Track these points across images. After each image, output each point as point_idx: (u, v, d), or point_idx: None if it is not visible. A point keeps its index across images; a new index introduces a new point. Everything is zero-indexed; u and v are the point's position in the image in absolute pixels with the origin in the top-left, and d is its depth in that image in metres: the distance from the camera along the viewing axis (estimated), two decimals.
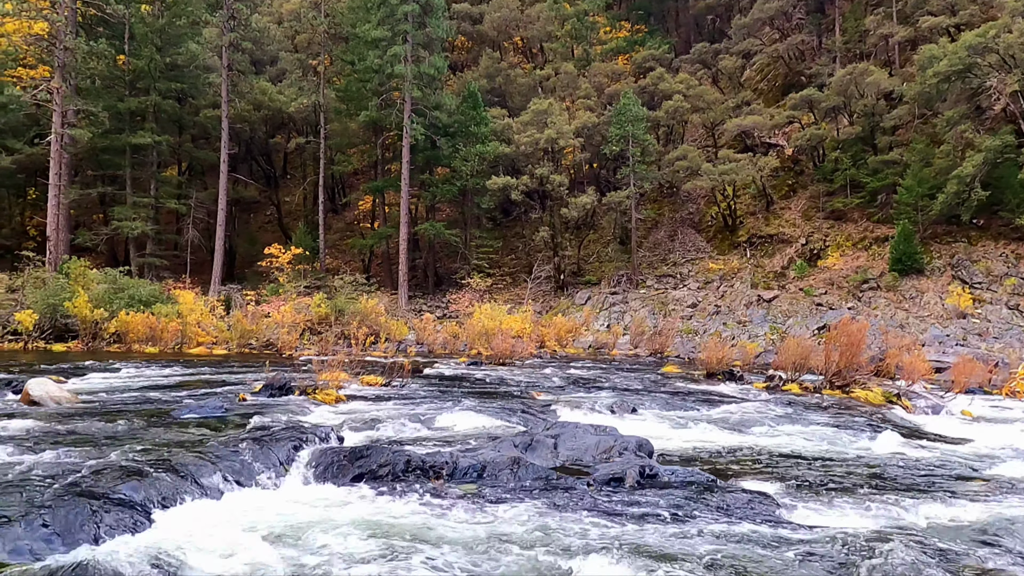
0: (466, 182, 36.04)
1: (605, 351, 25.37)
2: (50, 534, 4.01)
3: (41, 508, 4.23)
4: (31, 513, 4.15)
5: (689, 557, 4.01)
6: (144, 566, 3.63)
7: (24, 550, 3.82)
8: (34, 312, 19.62)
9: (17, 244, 33.14)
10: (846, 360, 13.13)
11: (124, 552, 3.84)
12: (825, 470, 6.76)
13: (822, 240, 33.34)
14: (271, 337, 21.92)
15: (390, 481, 5.60)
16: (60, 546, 3.91)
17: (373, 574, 3.56)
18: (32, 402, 8.85)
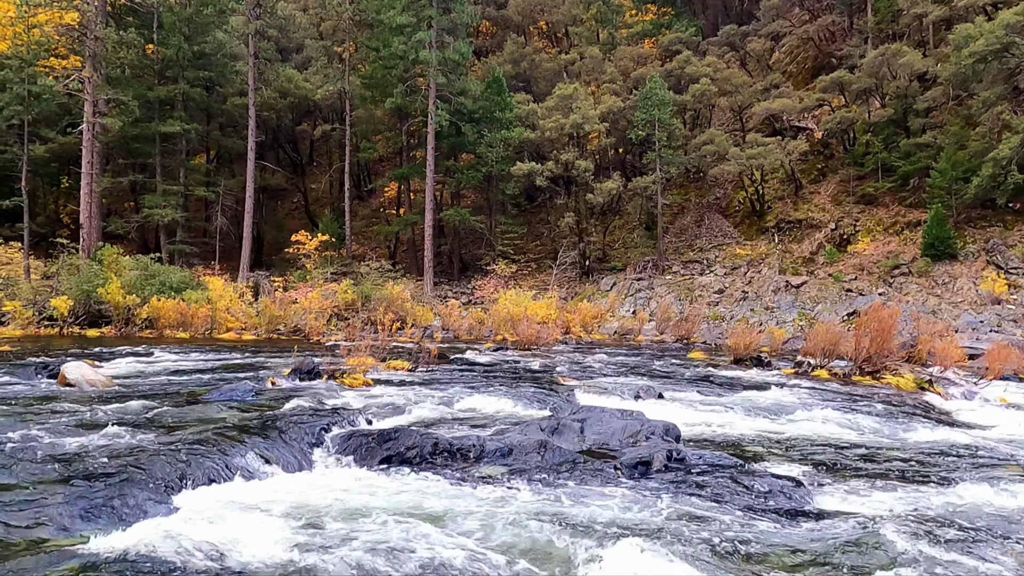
0: (491, 168, 35.99)
1: (630, 337, 25.28)
2: (86, 512, 4.12)
3: (78, 487, 4.34)
4: (69, 492, 4.26)
5: (717, 539, 4.00)
6: (177, 544, 3.70)
7: (62, 527, 3.92)
8: (69, 298, 20.01)
9: (51, 232, 33.84)
10: (877, 346, 12.95)
11: (159, 530, 3.92)
12: (854, 456, 6.68)
13: (852, 225, 32.81)
14: (299, 323, 22.16)
15: (418, 463, 5.65)
16: (97, 523, 4.01)
17: (402, 553, 3.60)
18: (68, 385, 9.05)
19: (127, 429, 6.19)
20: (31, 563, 3.39)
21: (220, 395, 8.41)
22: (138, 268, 22.76)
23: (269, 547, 3.80)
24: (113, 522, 4.05)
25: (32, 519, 3.92)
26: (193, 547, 3.71)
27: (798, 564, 3.76)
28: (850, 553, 3.88)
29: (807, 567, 3.72)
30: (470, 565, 3.58)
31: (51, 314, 19.95)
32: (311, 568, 3.46)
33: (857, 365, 13.16)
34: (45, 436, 5.81)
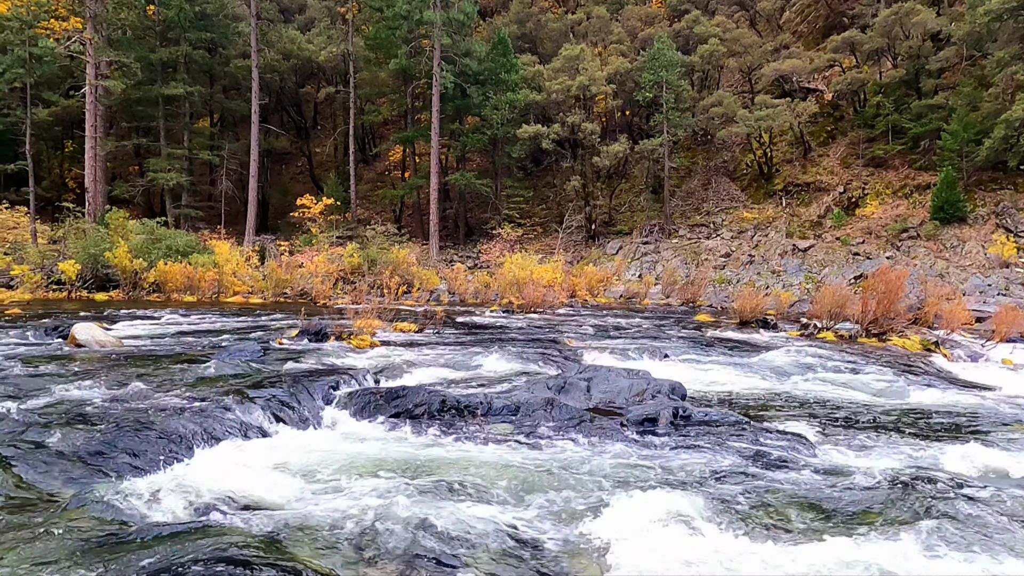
0: (496, 131, 35.66)
1: (636, 301, 25.28)
2: (99, 465, 4.17)
3: (91, 442, 4.39)
4: (82, 446, 4.32)
5: (722, 491, 4.04)
6: (191, 496, 3.76)
7: (75, 480, 3.98)
8: (76, 262, 20.08)
9: (57, 196, 33.79)
10: (883, 308, 12.93)
11: (170, 483, 3.98)
12: (860, 414, 6.72)
13: (861, 188, 32.52)
14: (305, 286, 22.22)
15: (426, 420, 5.70)
16: (110, 477, 4.07)
17: (410, 504, 3.65)
18: (78, 345, 9.13)
19: (138, 387, 6.25)
20: (50, 513, 3.45)
21: (229, 355, 8.46)
22: (144, 232, 22.78)
23: (279, 496, 3.86)
24: (130, 474, 4.11)
25: (49, 472, 3.98)
26: (207, 495, 3.77)
27: (802, 514, 3.80)
28: (854, 505, 3.91)
29: (811, 518, 3.76)
30: (476, 515, 3.62)
31: (59, 278, 20.04)
32: (320, 513, 3.51)
33: (863, 327, 13.16)
34: (58, 393, 5.87)
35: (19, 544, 3.06)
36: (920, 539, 3.47)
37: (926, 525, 3.63)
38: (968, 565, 3.21)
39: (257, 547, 3.05)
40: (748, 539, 3.43)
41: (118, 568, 2.83)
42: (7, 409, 5.20)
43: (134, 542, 3.11)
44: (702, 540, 3.33)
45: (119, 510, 3.52)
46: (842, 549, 3.36)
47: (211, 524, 3.38)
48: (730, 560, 3.16)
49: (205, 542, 3.06)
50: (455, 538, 3.32)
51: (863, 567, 3.16)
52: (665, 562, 3.10)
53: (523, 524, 3.63)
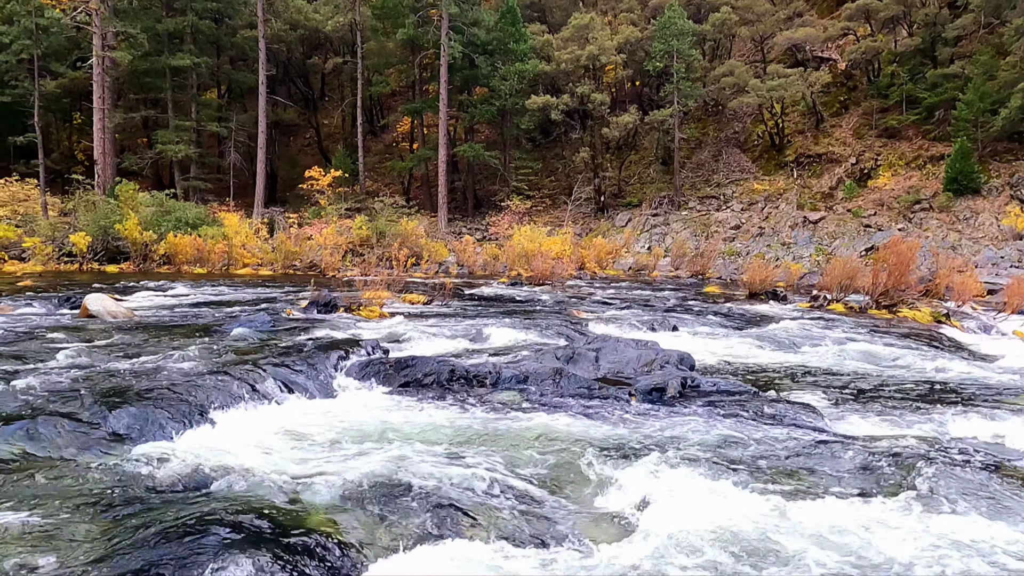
0: (505, 102, 35.35)
1: (645, 273, 25.23)
2: (115, 432, 4.23)
3: (106, 409, 4.44)
4: (98, 413, 4.37)
5: (731, 457, 4.06)
6: (203, 461, 3.81)
7: (92, 446, 4.03)
8: (87, 235, 20.17)
9: (67, 168, 33.85)
10: (894, 280, 12.86)
11: (183, 448, 4.03)
12: (869, 385, 6.71)
13: (873, 159, 32.15)
14: (314, 258, 22.27)
15: (435, 389, 5.74)
16: (125, 443, 4.12)
17: (420, 469, 3.68)
18: (90, 315, 9.21)
19: (150, 357, 6.31)
20: (65, 477, 3.51)
21: (240, 325, 8.51)
22: (154, 204, 22.82)
23: (290, 461, 3.91)
24: (142, 441, 4.17)
25: (64, 438, 4.03)
26: (220, 460, 3.82)
27: (811, 482, 3.82)
28: (863, 474, 3.93)
29: (820, 485, 3.78)
30: (484, 480, 3.66)
31: (70, 250, 20.16)
32: (330, 477, 3.56)
33: (874, 299, 13.10)
34: (70, 363, 5.94)
35: (36, 506, 3.12)
36: (924, 504, 3.48)
37: (929, 490, 3.65)
38: (972, 527, 3.23)
39: (269, 509, 3.09)
40: (755, 503, 3.45)
41: (132, 529, 2.88)
42: (21, 378, 5.27)
43: (148, 504, 3.16)
44: (710, 504, 3.35)
45: (133, 474, 3.57)
46: (846, 512, 3.39)
47: (223, 488, 3.43)
48: (737, 522, 3.18)
49: (218, 505, 3.11)
50: (466, 501, 3.35)
51: (866, 529, 3.18)
52: (675, 524, 3.12)
53: (533, 488, 3.66)
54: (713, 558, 2.89)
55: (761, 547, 3.00)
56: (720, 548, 2.98)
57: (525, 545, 3.06)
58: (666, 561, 2.88)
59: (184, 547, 2.69)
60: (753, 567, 2.82)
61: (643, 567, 2.83)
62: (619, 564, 2.87)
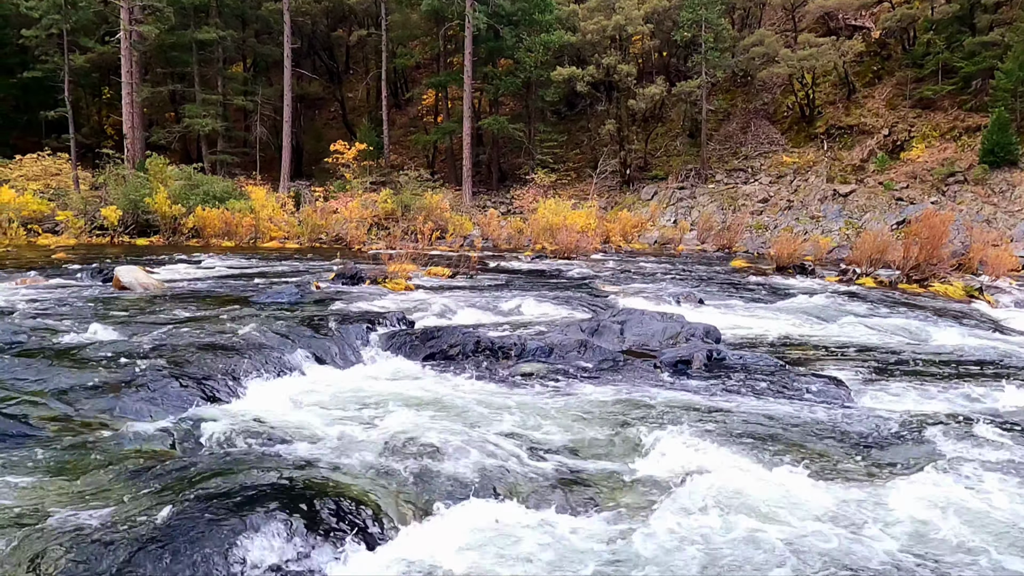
0: (530, 74, 35.01)
1: (671, 247, 25.05)
2: (150, 401, 4.33)
3: (141, 378, 4.55)
4: (133, 383, 4.47)
5: (756, 429, 4.06)
6: (235, 428, 3.89)
7: (128, 413, 4.14)
8: (118, 208, 20.46)
9: (97, 142, 34.26)
10: (926, 253, 12.64)
11: (216, 417, 4.12)
12: (898, 360, 6.64)
13: (907, 131, 31.42)
14: (340, 232, 22.41)
15: (460, 360, 5.79)
16: (160, 412, 4.22)
17: (447, 436, 3.73)
18: (123, 287, 9.38)
19: (182, 327, 6.42)
20: (104, 443, 3.61)
21: (268, 297, 8.63)
22: (182, 178, 23.05)
23: (318, 428, 3.99)
24: (179, 408, 4.27)
25: (101, 406, 4.14)
26: (251, 427, 3.91)
27: (840, 455, 3.81)
28: (893, 447, 3.91)
29: (849, 458, 3.77)
30: (509, 447, 3.70)
31: (102, 223, 20.47)
32: (357, 443, 3.62)
33: (904, 273, 12.90)
34: (105, 333, 6.07)
35: (76, 471, 3.21)
36: (953, 478, 3.46)
37: (959, 465, 3.62)
38: (1005, 502, 3.20)
39: (299, 474, 3.16)
40: (779, 475, 3.45)
41: (167, 492, 2.96)
42: (58, 348, 5.40)
43: (182, 468, 3.24)
44: (733, 474, 3.36)
45: (168, 439, 3.66)
46: (872, 486, 3.37)
47: (255, 453, 3.51)
48: (761, 493, 3.19)
49: (250, 469, 3.18)
50: (491, 468, 3.40)
51: (892, 503, 3.17)
52: (697, 494, 3.14)
53: (555, 456, 3.70)
54: (733, 526, 2.90)
55: (782, 517, 3.01)
56: (741, 516, 2.99)
57: (550, 511, 3.10)
58: (688, 528, 2.90)
59: (218, 509, 2.77)
60: (775, 536, 2.83)
61: (664, 534, 2.85)
62: (641, 530, 2.89)
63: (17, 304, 7.78)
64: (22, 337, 5.69)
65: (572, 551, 2.76)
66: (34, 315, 6.98)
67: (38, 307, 7.59)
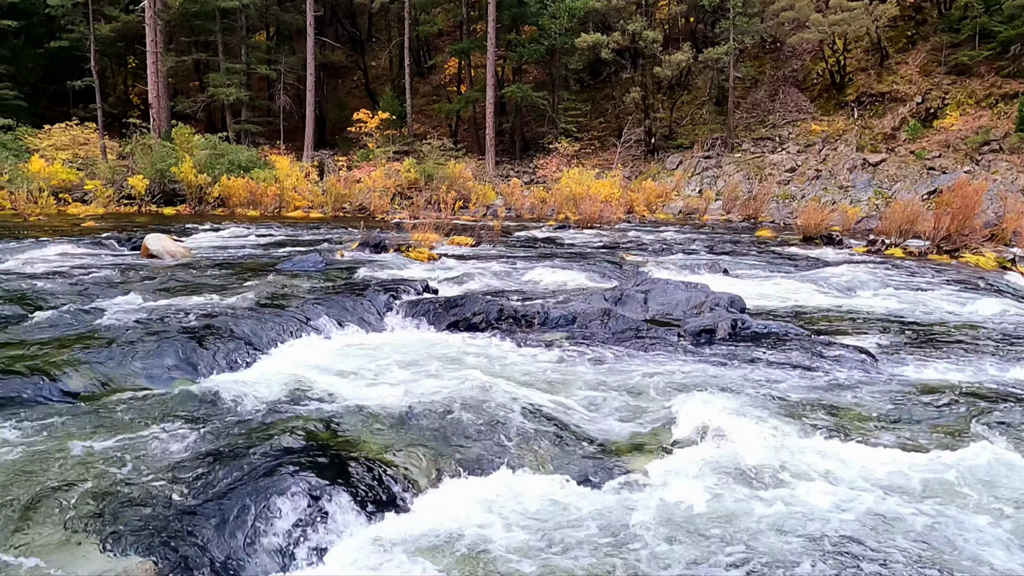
0: (554, 41, 34.51)
1: (696, 216, 24.80)
2: (180, 363, 4.41)
3: (172, 342, 4.63)
4: (163, 346, 4.55)
5: (780, 397, 4.04)
6: (261, 392, 3.95)
7: (159, 377, 4.23)
8: (144, 177, 20.66)
9: (123, 112, 34.55)
10: (958, 223, 12.38)
11: (246, 379, 4.19)
12: (927, 331, 6.54)
13: (940, 98, 30.59)
14: (363, 201, 22.46)
15: (483, 328, 5.80)
16: (189, 374, 4.30)
17: (469, 404, 3.76)
18: (151, 255, 9.51)
19: (209, 294, 6.51)
20: (138, 406, 3.69)
21: (293, 265, 8.71)
22: (208, 147, 23.18)
23: (344, 391, 4.04)
24: (206, 371, 4.34)
25: (135, 371, 4.23)
26: (280, 389, 3.97)
27: (869, 424, 3.78)
28: (923, 416, 3.87)
29: (877, 427, 3.74)
30: (532, 412, 3.72)
31: (129, 192, 20.71)
32: (381, 407, 3.67)
33: (935, 243, 12.66)
34: (135, 300, 6.17)
35: (111, 433, 3.29)
36: (981, 449, 3.42)
37: (985, 435, 3.57)
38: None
39: (324, 436, 3.21)
40: (804, 442, 3.44)
41: (199, 451, 3.03)
42: (91, 314, 5.50)
43: (212, 430, 3.31)
44: (758, 441, 3.35)
45: (198, 402, 3.73)
46: (899, 455, 3.35)
47: (281, 415, 3.56)
48: (785, 459, 3.18)
49: (276, 431, 3.24)
50: (513, 433, 3.42)
51: (919, 472, 3.15)
52: (721, 460, 3.14)
53: (579, 421, 3.72)
54: (757, 492, 2.90)
55: (804, 484, 3.00)
56: (763, 481, 2.99)
57: (571, 475, 3.13)
58: (709, 493, 2.90)
59: (246, 469, 2.82)
60: (795, 502, 2.82)
61: (686, 498, 2.86)
62: (663, 495, 2.90)
63: (50, 271, 7.93)
64: (54, 303, 5.80)
65: (591, 516, 2.78)
66: (65, 282, 7.11)
67: (69, 274, 7.73)
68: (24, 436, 3.17)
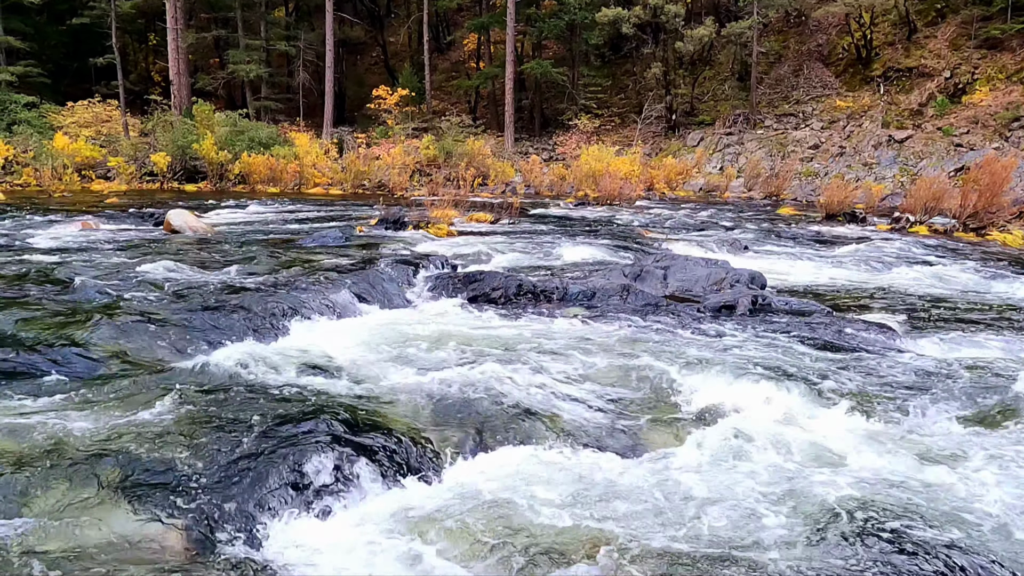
0: (574, 16, 34.10)
1: (717, 194, 24.57)
2: (204, 336, 4.47)
3: (195, 315, 4.69)
4: (185, 320, 4.61)
5: (802, 373, 4.02)
6: (282, 364, 4.00)
7: (183, 350, 4.28)
8: (166, 154, 20.81)
9: (144, 89, 34.73)
10: (985, 201, 12.17)
11: (268, 352, 4.23)
12: (951, 308, 6.46)
13: (970, 73, 29.89)
14: (382, 178, 22.48)
15: (502, 303, 5.82)
16: (212, 347, 4.36)
17: (490, 378, 3.78)
18: (173, 231, 9.61)
19: (232, 269, 6.57)
20: (160, 379, 3.74)
21: (313, 241, 8.76)
22: (228, 124, 23.27)
23: (366, 365, 4.08)
24: (231, 344, 4.39)
25: (157, 344, 4.29)
26: (302, 364, 4.01)
27: (885, 400, 3.75)
28: (941, 393, 3.83)
29: (894, 403, 3.71)
30: (551, 388, 3.74)
31: (151, 169, 20.88)
32: (402, 380, 3.70)
33: (961, 221, 12.46)
34: (158, 274, 6.24)
35: (136, 403, 3.35)
36: (1009, 428, 3.39)
37: (1012, 412, 3.54)
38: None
39: (347, 409, 3.25)
40: (827, 418, 3.43)
41: (223, 424, 3.07)
42: (117, 288, 5.58)
43: (235, 403, 3.35)
44: (780, 417, 3.34)
45: (221, 376, 3.78)
46: (926, 433, 3.33)
47: (304, 389, 3.60)
48: (808, 435, 3.18)
49: (300, 404, 3.28)
50: (534, 407, 3.44)
51: (947, 453, 3.13)
52: (743, 437, 3.14)
53: (597, 398, 3.73)
54: (774, 465, 2.90)
55: (819, 456, 3.00)
56: (780, 457, 2.98)
57: (592, 449, 3.14)
58: (726, 468, 2.91)
59: (270, 439, 2.87)
60: (813, 479, 2.82)
61: (703, 472, 2.87)
62: (681, 470, 2.91)
63: (75, 246, 8.05)
64: (79, 277, 5.89)
65: (612, 488, 2.79)
66: (90, 257, 7.21)
67: (94, 249, 7.83)
68: (52, 406, 3.23)
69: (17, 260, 6.88)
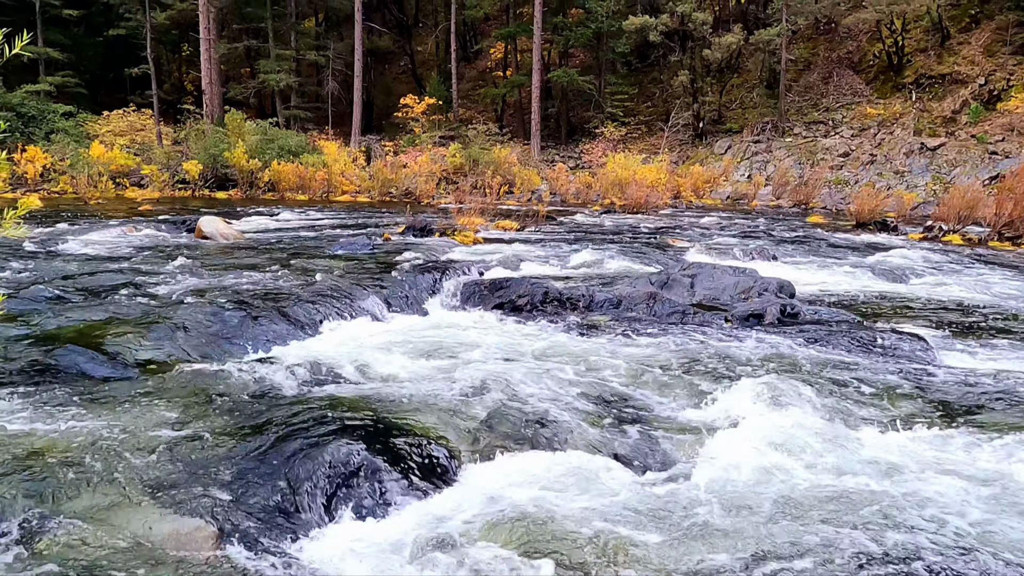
0: (601, 24, 34.13)
1: (744, 202, 24.37)
2: (234, 340, 4.54)
3: (226, 319, 4.76)
4: (216, 324, 4.69)
5: (832, 384, 3.97)
6: (311, 368, 4.04)
7: (215, 353, 4.35)
8: (198, 162, 21.18)
9: (177, 98, 35.40)
10: (1021, 209, 11.93)
11: (297, 358, 4.28)
12: (985, 319, 6.34)
13: (1005, 79, 29.35)
14: (409, 186, 22.65)
15: (528, 310, 5.83)
16: (244, 350, 4.43)
17: (514, 384, 3.78)
18: (204, 237, 9.77)
19: (260, 274, 6.67)
20: (196, 378, 3.81)
21: (341, 248, 8.85)
22: (258, 133, 23.63)
23: (394, 371, 4.10)
24: (260, 349, 4.46)
25: (187, 347, 4.36)
26: (330, 369, 4.06)
27: (917, 410, 3.69)
28: (975, 404, 3.76)
29: (926, 413, 3.65)
30: (578, 395, 3.73)
31: (183, 177, 21.25)
32: (427, 385, 3.72)
33: (996, 230, 12.23)
34: (190, 279, 6.35)
35: (170, 405, 3.41)
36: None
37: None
38: None
39: (371, 413, 3.28)
40: (858, 429, 3.38)
41: (256, 424, 3.12)
42: (150, 291, 5.69)
43: (264, 404, 3.40)
44: (809, 426, 3.30)
45: (251, 377, 3.83)
46: (960, 444, 3.27)
47: (331, 392, 3.65)
48: (839, 447, 3.13)
49: (326, 407, 3.31)
50: (558, 414, 3.44)
51: (980, 463, 3.07)
52: (770, 446, 3.11)
53: (625, 405, 3.71)
54: (807, 480, 2.87)
55: (857, 473, 2.95)
56: (814, 471, 2.95)
57: (616, 458, 3.13)
58: (754, 477, 2.88)
59: (299, 440, 2.90)
60: (850, 493, 2.78)
61: (728, 485, 2.84)
62: (707, 481, 2.89)
63: (110, 252, 8.22)
64: (114, 281, 6.02)
65: (634, 498, 2.78)
66: (124, 262, 7.36)
67: (128, 255, 7.99)
68: (89, 408, 3.31)
69: (62, 263, 7.06)
